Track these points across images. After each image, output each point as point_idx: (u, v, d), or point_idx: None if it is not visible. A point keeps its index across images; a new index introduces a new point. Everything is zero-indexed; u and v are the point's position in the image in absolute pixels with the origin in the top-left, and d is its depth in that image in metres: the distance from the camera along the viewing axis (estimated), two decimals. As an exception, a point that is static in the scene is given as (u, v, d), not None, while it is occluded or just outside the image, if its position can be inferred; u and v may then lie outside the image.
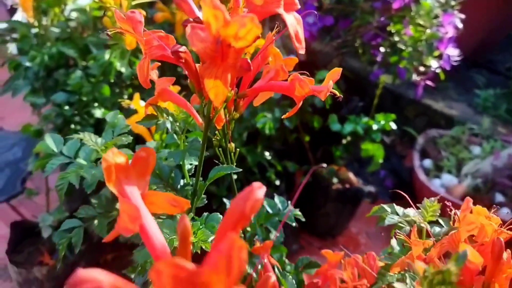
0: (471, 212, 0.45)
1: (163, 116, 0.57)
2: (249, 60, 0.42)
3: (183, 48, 0.43)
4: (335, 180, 1.56)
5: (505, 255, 0.43)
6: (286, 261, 0.77)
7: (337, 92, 0.52)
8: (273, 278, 0.31)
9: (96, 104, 1.00)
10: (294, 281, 0.61)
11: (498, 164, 1.81)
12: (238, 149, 0.61)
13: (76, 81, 0.99)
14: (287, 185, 1.47)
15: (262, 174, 1.42)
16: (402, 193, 0.56)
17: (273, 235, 0.78)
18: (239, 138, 1.42)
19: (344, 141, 1.43)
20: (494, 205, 0.50)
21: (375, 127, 1.36)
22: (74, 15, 1.38)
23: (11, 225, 1.23)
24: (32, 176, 1.73)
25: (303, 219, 0.78)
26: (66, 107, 1.01)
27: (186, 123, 0.59)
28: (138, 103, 0.86)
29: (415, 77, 1.64)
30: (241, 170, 0.56)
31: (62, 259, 1.00)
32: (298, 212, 0.79)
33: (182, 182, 0.59)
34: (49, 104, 1.12)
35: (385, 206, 0.57)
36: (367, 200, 1.61)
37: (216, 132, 0.57)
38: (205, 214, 0.55)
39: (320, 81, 1.41)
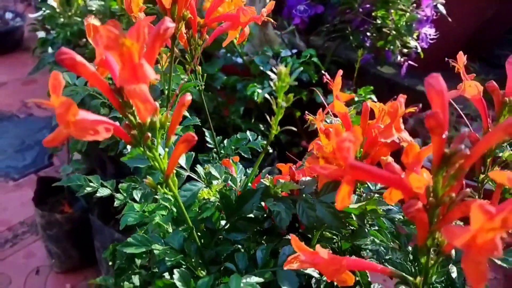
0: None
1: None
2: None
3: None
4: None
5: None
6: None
7: (271, 20, 0.70)
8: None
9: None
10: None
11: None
12: (204, 75, 0.79)
13: (92, 48, 1.20)
14: (278, 152, 1.63)
15: (256, 142, 1.59)
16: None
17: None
18: (236, 112, 1.61)
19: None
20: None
21: (356, 98, 1.50)
22: (94, 6, 1.60)
23: (37, 180, 1.44)
24: (57, 153, 1.94)
25: (271, 150, 0.94)
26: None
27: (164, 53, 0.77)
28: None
29: (399, 58, 1.79)
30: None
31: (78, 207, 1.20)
32: (264, 142, 0.96)
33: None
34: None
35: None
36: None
37: (186, 55, 0.75)
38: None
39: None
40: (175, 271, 0.48)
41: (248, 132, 0.97)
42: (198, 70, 0.76)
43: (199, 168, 0.62)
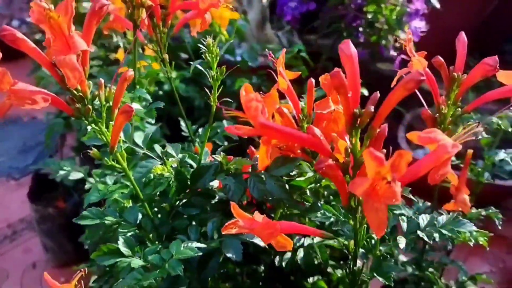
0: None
1: (117, 36, 0.79)
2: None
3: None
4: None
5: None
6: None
7: (229, 5, 0.72)
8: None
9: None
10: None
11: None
12: (173, 62, 0.82)
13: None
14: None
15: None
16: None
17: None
18: (227, 108, 1.63)
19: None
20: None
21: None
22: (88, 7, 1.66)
23: (32, 177, 1.48)
24: (56, 154, 1.99)
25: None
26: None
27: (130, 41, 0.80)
28: (121, 54, 1.09)
29: (392, 52, 1.80)
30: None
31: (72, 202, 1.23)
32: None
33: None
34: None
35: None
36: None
37: (152, 44, 0.78)
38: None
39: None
40: (120, 237, 0.50)
41: (224, 121, 0.99)
42: (165, 59, 0.79)
43: (156, 147, 0.65)
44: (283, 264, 0.71)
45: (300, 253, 0.70)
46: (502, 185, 1.51)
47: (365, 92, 1.58)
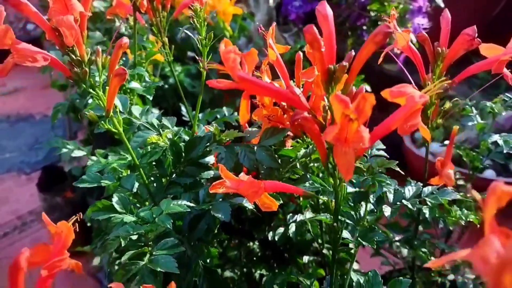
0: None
1: (119, 21, 0.83)
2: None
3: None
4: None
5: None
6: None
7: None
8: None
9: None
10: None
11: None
12: (173, 46, 0.85)
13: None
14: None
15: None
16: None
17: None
18: (231, 104, 1.67)
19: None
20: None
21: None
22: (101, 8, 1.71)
23: (42, 169, 1.53)
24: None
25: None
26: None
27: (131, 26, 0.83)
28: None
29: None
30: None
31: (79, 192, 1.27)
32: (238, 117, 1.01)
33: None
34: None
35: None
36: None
37: (153, 27, 0.81)
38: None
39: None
40: (114, 194, 0.53)
41: (224, 108, 1.02)
42: (165, 42, 0.82)
43: (153, 120, 0.68)
44: (276, 238, 0.73)
45: (292, 228, 0.72)
46: (510, 182, 1.51)
47: (368, 88, 1.60)
